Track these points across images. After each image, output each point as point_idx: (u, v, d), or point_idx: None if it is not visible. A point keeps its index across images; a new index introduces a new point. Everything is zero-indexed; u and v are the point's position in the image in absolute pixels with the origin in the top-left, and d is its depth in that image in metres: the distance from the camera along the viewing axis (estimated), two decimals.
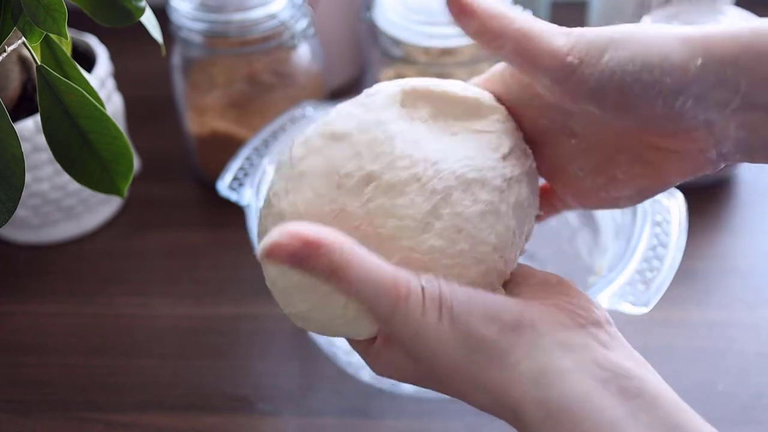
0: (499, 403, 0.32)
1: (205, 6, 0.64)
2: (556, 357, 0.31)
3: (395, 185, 0.34)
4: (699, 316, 0.58)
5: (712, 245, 0.64)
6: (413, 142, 0.35)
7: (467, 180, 0.34)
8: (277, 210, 0.35)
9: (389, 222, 0.34)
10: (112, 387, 0.56)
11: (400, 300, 0.31)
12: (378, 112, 0.36)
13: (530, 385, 0.31)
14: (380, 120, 0.36)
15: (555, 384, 0.31)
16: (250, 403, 0.54)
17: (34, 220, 0.65)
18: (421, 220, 0.34)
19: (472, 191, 0.34)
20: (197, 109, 0.68)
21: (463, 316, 0.32)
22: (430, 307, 0.31)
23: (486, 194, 0.35)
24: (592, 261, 0.55)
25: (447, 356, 0.32)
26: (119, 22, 0.41)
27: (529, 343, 0.32)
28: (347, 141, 0.35)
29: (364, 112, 0.36)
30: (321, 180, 0.35)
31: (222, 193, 0.56)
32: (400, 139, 0.35)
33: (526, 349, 0.32)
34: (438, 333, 0.32)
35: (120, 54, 0.70)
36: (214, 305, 0.61)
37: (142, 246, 0.67)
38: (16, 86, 0.58)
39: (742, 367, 0.55)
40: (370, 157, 0.35)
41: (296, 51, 0.67)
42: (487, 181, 0.35)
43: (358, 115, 0.36)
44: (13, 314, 0.62)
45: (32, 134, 0.59)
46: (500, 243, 0.35)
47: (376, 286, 0.31)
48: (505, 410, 0.32)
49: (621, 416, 0.30)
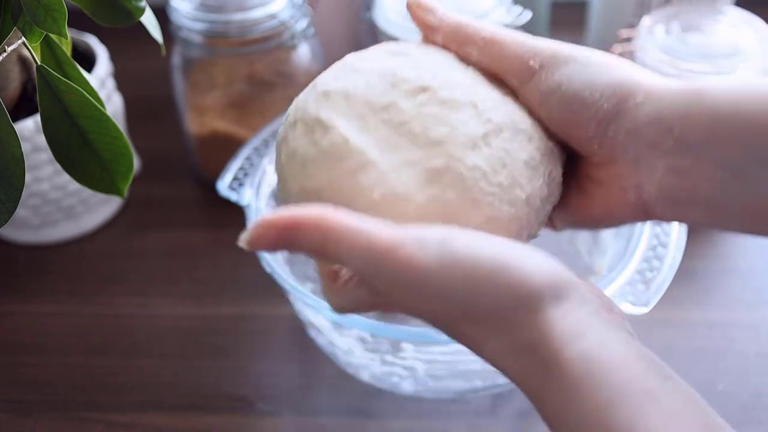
0: (533, 349, 0.30)
1: (205, 6, 0.64)
2: (598, 323, 0.31)
3: (452, 102, 0.34)
4: (699, 316, 0.58)
5: (712, 245, 0.64)
6: (472, 77, 0.36)
7: (519, 128, 0.35)
8: (322, 90, 0.35)
9: (441, 128, 0.33)
10: (112, 387, 0.56)
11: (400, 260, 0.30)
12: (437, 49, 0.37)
13: (576, 338, 0.30)
14: (441, 50, 0.37)
15: (597, 345, 0.30)
16: (250, 403, 0.54)
17: (34, 220, 0.65)
18: (472, 137, 0.33)
19: (521, 139, 0.35)
20: (197, 109, 0.68)
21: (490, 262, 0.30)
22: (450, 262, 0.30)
23: (532, 148, 0.35)
24: (592, 261, 0.55)
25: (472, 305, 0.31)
26: (119, 22, 0.41)
27: (579, 302, 0.31)
28: (408, 56, 0.36)
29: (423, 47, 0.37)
30: (376, 76, 0.34)
31: (222, 193, 0.56)
32: (461, 69, 0.36)
33: (576, 306, 0.31)
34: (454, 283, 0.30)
35: (120, 54, 0.70)
36: (214, 305, 0.61)
37: (142, 246, 0.67)
38: (16, 86, 0.58)
39: (742, 367, 0.55)
40: (430, 73, 0.35)
41: (296, 51, 0.67)
42: (534, 139, 0.35)
43: (418, 47, 0.37)
44: (13, 314, 0.62)
45: (32, 134, 0.59)
46: (532, 199, 0.35)
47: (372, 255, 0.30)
48: (538, 358, 0.30)
49: (658, 387, 0.29)
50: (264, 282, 0.63)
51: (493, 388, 0.52)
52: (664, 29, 0.66)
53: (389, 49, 0.37)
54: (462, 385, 0.51)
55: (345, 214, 0.31)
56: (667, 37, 0.65)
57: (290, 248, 0.31)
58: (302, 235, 0.30)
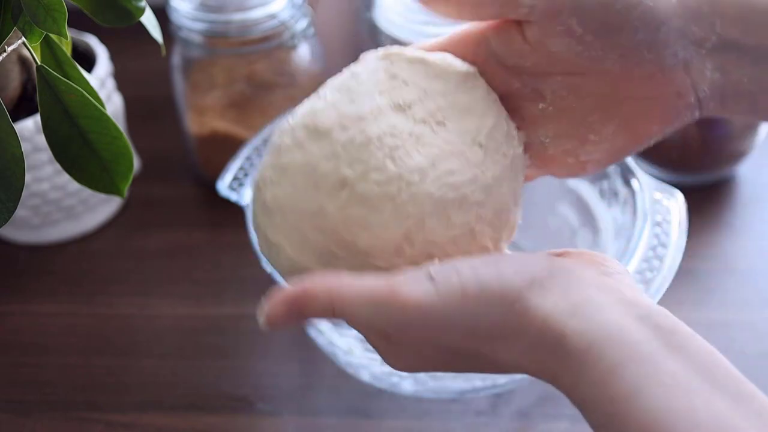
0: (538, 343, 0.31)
1: (205, 6, 0.64)
2: (593, 293, 0.32)
3: (369, 199, 0.34)
4: (699, 316, 0.58)
5: (712, 245, 0.64)
6: (391, 148, 0.34)
7: (444, 202, 0.34)
8: (262, 200, 0.37)
9: (364, 235, 0.34)
10: (112, 387, 0.56)
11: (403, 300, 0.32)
12: (361, 102, 0.35)
13: (570, 317, 0.31)
14: (361, 115, 0.35)
15: (594, 316, 0.31)
16: (250, 403, 0.54)
17: (34, 220, 0.65)
18: (393, 244, 0.34)
19: (448, 215, 0.34)
20: (197, 109, 0.68)
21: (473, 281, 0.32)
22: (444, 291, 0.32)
23: (462, 216, 0.35)
24: None
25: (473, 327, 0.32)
26: (119, 23, 0.41)
27: (566, 283, 0.32)
28: (327, 139, 0.35)
29: (347, 103, 0.36)
30: (301, 177, 0.35)
31: (222, 193, 0.56)
32: (377, 146, 0.34)
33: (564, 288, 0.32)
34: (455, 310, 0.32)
35: (120, 54, 0.70)
36: (214, 305, 0.61)
37: (142, 246, 0.67)
38: (16, 86, 0.58)
39: (743, 367, 0.54)
40: (347, 160, 0.34)
41: (296, 51, 0.67)
42: (466, 198, 0.35)
43: (341, 107, 0.36)
44: (13, 314, 0.62)
45: (32, 134, 0.59)
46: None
47: (377, 304, 0.32)
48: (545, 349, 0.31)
49: (657, 349, 0.30)
50: (264, 282, 0.63)
51: (493, 388, 0.52)
52: None
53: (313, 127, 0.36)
54: (462, 385, 0.51)
55: (345, 277, 0.33)
56: None
57: (303, 316, 0.34)
58: (312, 303, 0.33)
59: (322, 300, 0.33)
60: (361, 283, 0.32)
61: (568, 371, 0.31)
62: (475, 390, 0.51)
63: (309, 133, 0.36)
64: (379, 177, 0.34)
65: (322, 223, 0.34)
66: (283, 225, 0.36)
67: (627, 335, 0.30)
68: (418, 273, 0.33)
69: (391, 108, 0.36)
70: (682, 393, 0.29)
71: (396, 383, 0.52)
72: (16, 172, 0.39)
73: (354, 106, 0.36)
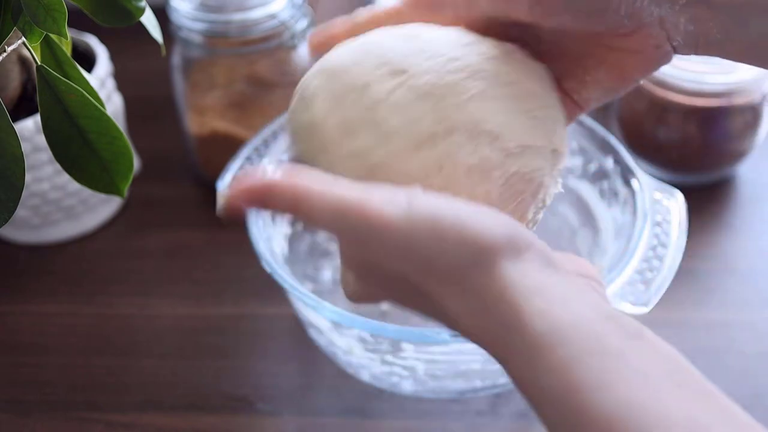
0: (492, 308, 0.31)
1: (205, 6, 0.64)
2: (560, 282, 0.31)
3: (419, 91, 0.35)
4: (699, 315, 0.58)
5: (712, 245, 0.64)
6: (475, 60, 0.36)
7: (481, 129, 0.35)
8: (320, 65, 0.37)
9: (395, 120, 0.34)
10: (112, 387, 0.56)
11: (369, 214, 0.31)
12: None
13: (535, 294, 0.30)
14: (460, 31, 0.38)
15: (560, 301, 0.30)
16: (250, 403, 0.54)
17: (34, 220, 0.65)
18: (417, 137, 0.34)
19: (478, 142, 0.35)
20: (197, 109, 0.68)
21: (451, 218, 0.31)
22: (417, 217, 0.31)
23: (490, 150, 0.35)
24: (592, 261, 0.55)
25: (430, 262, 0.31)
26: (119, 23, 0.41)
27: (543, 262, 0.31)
28: (418, 38, 0.37)
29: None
30: (371, 56, 0.36)
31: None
32: (469, 48, 0.36)
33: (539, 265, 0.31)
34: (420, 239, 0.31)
35: (120, 54, 0.70)
36: (214, 305, 0.61)
37: (142, 246, 0.67)
38: (16, 86, 0.58)
39: (742, 367, 0.55)
40: (419, 57, 0.36)
41: (296, 51, 0.67)
42: (501, 138, 0.35)
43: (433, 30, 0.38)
44: (13, 314, 0.62)
45: (32, 134, 0.59)
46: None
47: (342, 211, 0.31)
48: (497, 318, 0.30)
49: (625, 348, 0.29)
50: (264, 282, 0.63)
51: (493, 388, 0.52)
52: None
53: (404, 33, 0.37)
54: (462, 385, 0.51)
55: (317, 176, 0.32)
56: None
57: (264, 207, 0.33)
58: (275, 197, 0.32)
59: (287, 197, 0.32)
60: (331, 189, 0.32)
61: (518, 352, 0.30)
62: (475, 390, 0.51)
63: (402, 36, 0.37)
64: (433, 80, 0.35)
65: (365, 99, 0.35)
66: (327, 86, 0.36)
67: (594, 327, 0.29)
68: (397, 193, 0.32)
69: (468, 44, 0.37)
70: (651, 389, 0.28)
71: (396, 383, 0.52)
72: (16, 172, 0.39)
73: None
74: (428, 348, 0.47)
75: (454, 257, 0.31)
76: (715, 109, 0.64)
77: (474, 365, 0.49)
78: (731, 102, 0.64)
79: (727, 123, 0.65)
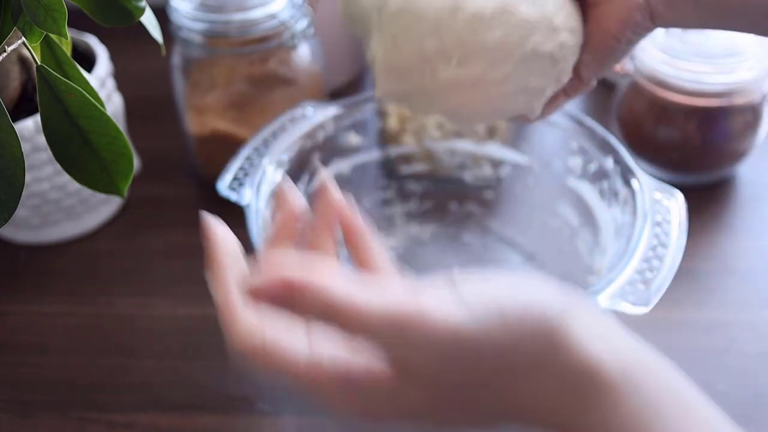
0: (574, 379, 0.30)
1: (205, 6, 0.64)
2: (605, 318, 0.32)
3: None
4: (699, 315, 0.58)
5: (712, 245, 0.64)
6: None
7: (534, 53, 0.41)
8: None
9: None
10: (113, 387, 0.56)
11: (433, 324, 0.29)
12: None
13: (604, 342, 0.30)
14: None
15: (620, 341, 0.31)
16: (250, 403, 0.54)
17: (34, 220, 0.65)
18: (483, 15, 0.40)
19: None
20: (197, 109, 0.68)
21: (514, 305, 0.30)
22: (482, 315, 0.29)
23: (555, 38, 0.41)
24: (592, 261, 0.55)
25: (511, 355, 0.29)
26: (119, 23, 0.41)
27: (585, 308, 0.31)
28: None
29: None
30: None
31: (222, 193, 0.56)
32: None
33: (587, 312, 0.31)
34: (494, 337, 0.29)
35: (120, 54, 0.70)
36: (214, 305, 0.61)
37: (142, 246, 0.67)
38: (16, 86, 0.58)
39: (743, 366, 0.55)
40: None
41: (296, 51, 0.67)
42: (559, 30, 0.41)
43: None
44: (14, 314, 0.62)
45: (32, 134, 0.59)
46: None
47: (401, 323, 0.29)
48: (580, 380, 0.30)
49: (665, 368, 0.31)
50: None
51: None
52: (665, 30, 0.66)
53: None
54: None
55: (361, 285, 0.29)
56: (666, 37, 0.65)
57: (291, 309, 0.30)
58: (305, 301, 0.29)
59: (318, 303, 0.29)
60: (377, 299, 0.29)
61: (599, 405, 0.29)
62: None
63: None
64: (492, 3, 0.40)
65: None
66: None
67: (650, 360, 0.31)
68: (443, 293, 0.29)
69: None
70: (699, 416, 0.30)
71: None
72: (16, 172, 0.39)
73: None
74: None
75: (531, 344, 0.29)
76: (715, 109, 0.64)
77: None
78: (731, 102, 0.64)
79: (727, 123, 0.65)
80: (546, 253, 0.61)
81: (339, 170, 0.62)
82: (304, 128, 0.59)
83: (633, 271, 0.46)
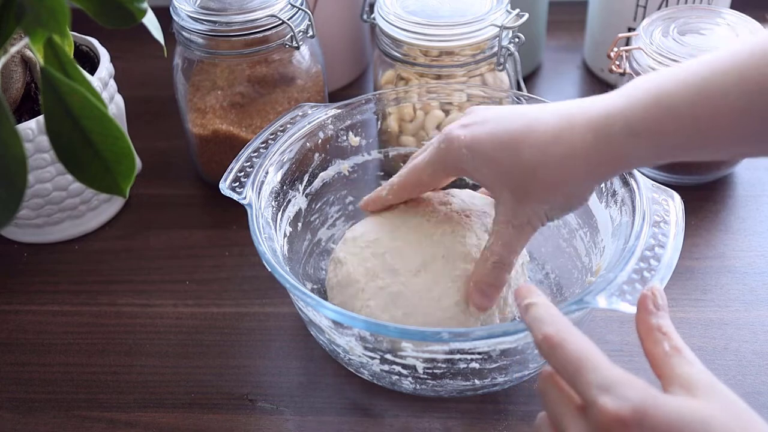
0: None
1: (206, 7, 0.64)
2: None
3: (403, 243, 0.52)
4: (696, 315, 0.59)
5: (709, 245, 0.64)
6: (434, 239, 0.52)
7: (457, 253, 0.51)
8: (346, 236, 0.55)
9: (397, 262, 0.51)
10: (114, 385, 0.56)
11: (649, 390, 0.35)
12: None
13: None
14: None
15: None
16: (251, 401, 0.55)
17: (36, 220, 0.65)
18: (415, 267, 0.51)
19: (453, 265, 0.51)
20: (198, 109, 0.68)
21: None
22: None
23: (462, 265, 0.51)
24: (590, 261, 0.55)
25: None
26: (121, 24, 0.41)
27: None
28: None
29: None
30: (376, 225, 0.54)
31: (224, 193, 0.56)
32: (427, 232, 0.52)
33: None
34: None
35: (122, 55, 0.71)
36: (215, 304, 0.62)
37: (144, 246, 0.67)
38: (20, 87, 0.58)
39: (739, 365, 0.55)
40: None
41: (296, 51, 0.67)
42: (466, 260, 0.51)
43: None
44: (16, 313, 0.62)
45: (35, 135, 0.59)
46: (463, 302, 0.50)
47: (621, 378, 0.35)
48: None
49: None
50: (265, 281, 0.63)
51: (492, 387, 0.52)
52: (662, 31, 0.66)
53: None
54: (462, 385, 0.51)
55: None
56: (664, 38, 0.65)
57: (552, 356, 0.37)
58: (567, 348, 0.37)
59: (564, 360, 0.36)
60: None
61: None
62: (474, 389, 0.52)
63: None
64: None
65: (377, 249, 0.52)
66: (352, 248, 0.53)
67: None
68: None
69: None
70: None
71: (396, 382, 0.52)
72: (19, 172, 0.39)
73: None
74: (428, 347, 0.48)
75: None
76: None
77: (473, 365, 0.49)
78: None
79: None
80: (545, 252, 0.61)
81: (339, 170, 0.62)
82: (304, 128, 0.59)
83: (631, 270, 0.46)
